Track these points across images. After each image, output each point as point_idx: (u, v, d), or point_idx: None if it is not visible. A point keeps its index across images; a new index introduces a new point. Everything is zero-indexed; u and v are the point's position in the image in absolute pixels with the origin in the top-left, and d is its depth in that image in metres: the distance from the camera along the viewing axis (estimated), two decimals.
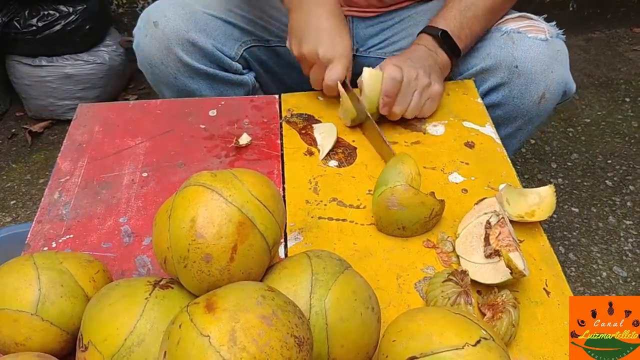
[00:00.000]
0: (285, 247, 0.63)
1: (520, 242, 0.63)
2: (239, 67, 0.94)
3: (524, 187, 0.68)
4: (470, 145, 0.77)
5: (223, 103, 0.85)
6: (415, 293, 0.58)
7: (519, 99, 0.84)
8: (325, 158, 0.75)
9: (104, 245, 0.64)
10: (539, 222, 0.65)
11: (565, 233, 1.36)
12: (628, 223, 1.39)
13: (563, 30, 0.87)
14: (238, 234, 0.44)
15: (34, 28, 1.57)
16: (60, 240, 0.64)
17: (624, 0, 2.11)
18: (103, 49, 1.69)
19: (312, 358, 0.40)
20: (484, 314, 0.53)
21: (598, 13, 2.11)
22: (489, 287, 0.56)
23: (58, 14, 1.58)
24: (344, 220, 0.66)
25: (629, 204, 1.44)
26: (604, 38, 2.13)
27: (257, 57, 0.96)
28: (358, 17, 0.98)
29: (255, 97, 0.88)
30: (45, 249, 0.63)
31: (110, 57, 1.70)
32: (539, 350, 0.53)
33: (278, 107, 0.85)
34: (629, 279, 1.26)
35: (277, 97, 0.87)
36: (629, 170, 1.54)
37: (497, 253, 0.57)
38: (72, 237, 0.65)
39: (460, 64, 0.89)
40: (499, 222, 0.59)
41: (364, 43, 0.99)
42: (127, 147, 0.78)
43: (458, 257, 0.61)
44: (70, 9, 1.59)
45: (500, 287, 0.55)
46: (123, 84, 1.83)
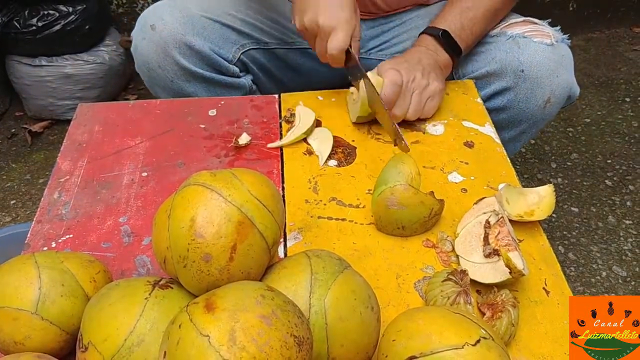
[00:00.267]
0: (285, 246, 0.63)
1: (520, 241, 0.63)
2: (236, 70, 0.93)
3: (524, 186, 0.68)
4: (470, 145, 0.77)
5: (223, 103, 0.85)
6: (415, 292, 0.58)
7: (524, 103, 0.84)
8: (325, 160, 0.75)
9: (104, 245, 0.64)
10: (539, 221, 0.65)
11: (565, 233, 1.36)
12: (628, 223, 1.39)
13: (568, 35, 0.87)
14: (237, 234, 0.44)
15: (34, 28, 1.57)
16: (60, 240, 0.64)
17: (624, 0, 2.11)
18: (103, 49, 1.69)
19: (311, 358, 0.40)
20: (484, 314, 0.53)
21: (598, 13, 2.11)
22: (489, 286, 0.56)
23: (58, 14, 1.58)
24: (344, 220, 0.66)
25: (629, 204, 1.44)
26: (604, 38, 2.13)
27: (255, 59, 0.96)
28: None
29: (255, 96, 0.88)
30: (45, 249, 0.63)
31: (110, 57, 1.70)
32: (539, 350, 0.53)
33: (278, 106, 0.85)
34: (629, 279, 1.26)
35: (276, 96, 0.87)
36: (629, 170, 1.54)
37: (496, 252, 0.57)
38: (71, 237, 0.65)
39: (465, 68, 0.89)
40: (499, 221, 0.59)
41: (365, 45, 0.99)
42: (126, 147, 0.78)
43: (457, 256, 0.61)
44: (70, 9, 1.59)
45: (500, 286, 0.55)
46: (123, 84, 1.83)
